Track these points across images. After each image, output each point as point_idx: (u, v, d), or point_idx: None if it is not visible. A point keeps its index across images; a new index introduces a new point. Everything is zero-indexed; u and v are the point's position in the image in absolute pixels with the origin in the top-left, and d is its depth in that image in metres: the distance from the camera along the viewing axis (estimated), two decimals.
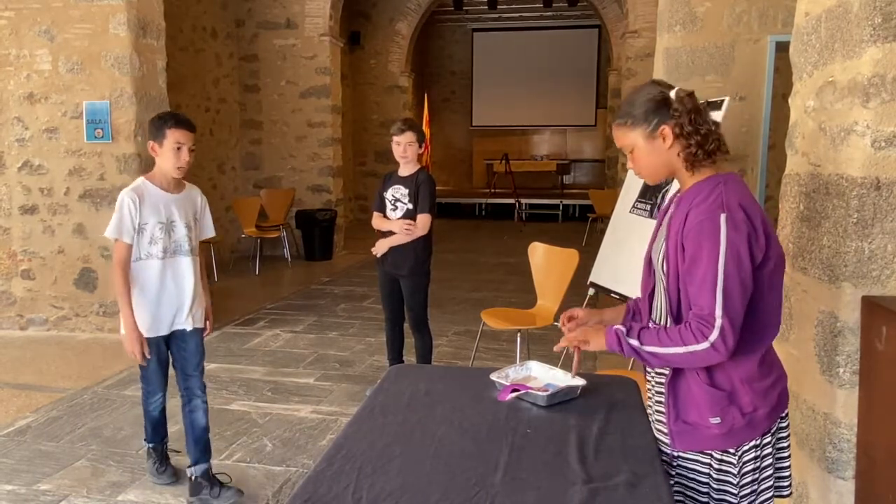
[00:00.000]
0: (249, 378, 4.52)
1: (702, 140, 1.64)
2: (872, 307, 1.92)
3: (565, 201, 13.76)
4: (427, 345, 4.09)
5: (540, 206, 13.87)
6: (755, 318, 1.63)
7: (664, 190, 3.85)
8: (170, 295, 2.90)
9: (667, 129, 1.66)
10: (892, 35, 1.85)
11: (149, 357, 2.85)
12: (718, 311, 1.54)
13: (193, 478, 2.98)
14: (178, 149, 2.78)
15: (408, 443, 1.75)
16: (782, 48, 4.09)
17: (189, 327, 2.97)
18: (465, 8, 14.15)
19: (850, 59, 1.98)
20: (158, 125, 2.79)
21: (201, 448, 3.01)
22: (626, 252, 4.02)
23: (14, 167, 5.54)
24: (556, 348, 1.96)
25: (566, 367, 2.18)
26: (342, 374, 4.63)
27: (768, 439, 1.71)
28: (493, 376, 2.11)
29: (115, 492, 3.08)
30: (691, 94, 1.67)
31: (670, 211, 1.77)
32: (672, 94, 1.67)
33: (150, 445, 3.19)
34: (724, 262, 1.54)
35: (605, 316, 1.97)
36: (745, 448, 1.68)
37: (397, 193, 3.95)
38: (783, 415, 1.75)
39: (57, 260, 5.57)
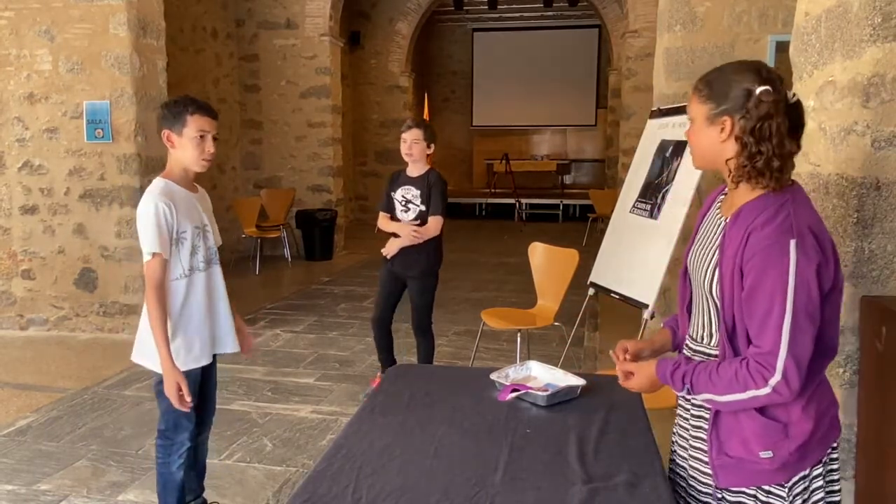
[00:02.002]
0: (249, 378, 4.52)
1: (751, 156, 1.42)
2: (872, 307, 1.92)
3: (565, 201, 13.74)
4: (430, 347, 4.06)
5: (540, 206, 13.85)
6: (817, 345, 1.45)
7: (664, 190, 3.84)
8: (215, 313, 2.54)
9: (728, 122, 1.45)
10: (892, 35, 1.85)
11: (190, 400, 2.36)
12: (782, 352, 1.37)
13: None
14: (202, 138, 2.38)
15: (408, 443, 1.75)
16: (782, 48, 4.08)
17: (233, 349, 2.60)
18: (465, 8, 14.13)
19: (850, 59, 1.98)
20: (176, 112, 2.37)
21: (203, 479, 2.79)
22: (627, 252, 4.02)
23: (14, 167, 5.54)
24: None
25: (566, 367, 2.18)
26: (342, 374, 4.62)
27: (819, 470, 1.54)
28: (493, 376, 2.11)
29: (115, 492, 3.08)
30: (776, 100, 1.41)
31: (721, 223, 1.56)
32: (759, 89, 1.42)
33: None
34: (794, 295, 1.36)
35: (656, 344, 1.82)
36: (795, 480, 1.52)
37: (408, 194, 3.88)
38: (833, 445, 1.57)
39: (57, 260, 5.57)
